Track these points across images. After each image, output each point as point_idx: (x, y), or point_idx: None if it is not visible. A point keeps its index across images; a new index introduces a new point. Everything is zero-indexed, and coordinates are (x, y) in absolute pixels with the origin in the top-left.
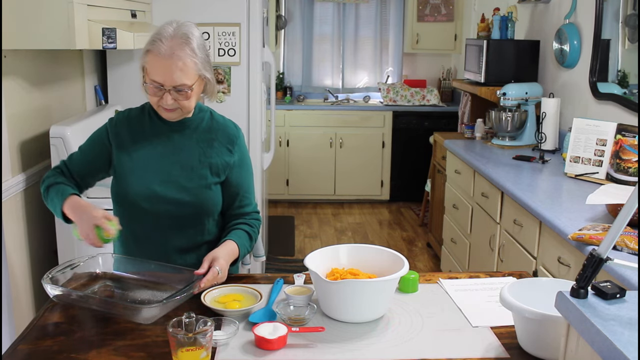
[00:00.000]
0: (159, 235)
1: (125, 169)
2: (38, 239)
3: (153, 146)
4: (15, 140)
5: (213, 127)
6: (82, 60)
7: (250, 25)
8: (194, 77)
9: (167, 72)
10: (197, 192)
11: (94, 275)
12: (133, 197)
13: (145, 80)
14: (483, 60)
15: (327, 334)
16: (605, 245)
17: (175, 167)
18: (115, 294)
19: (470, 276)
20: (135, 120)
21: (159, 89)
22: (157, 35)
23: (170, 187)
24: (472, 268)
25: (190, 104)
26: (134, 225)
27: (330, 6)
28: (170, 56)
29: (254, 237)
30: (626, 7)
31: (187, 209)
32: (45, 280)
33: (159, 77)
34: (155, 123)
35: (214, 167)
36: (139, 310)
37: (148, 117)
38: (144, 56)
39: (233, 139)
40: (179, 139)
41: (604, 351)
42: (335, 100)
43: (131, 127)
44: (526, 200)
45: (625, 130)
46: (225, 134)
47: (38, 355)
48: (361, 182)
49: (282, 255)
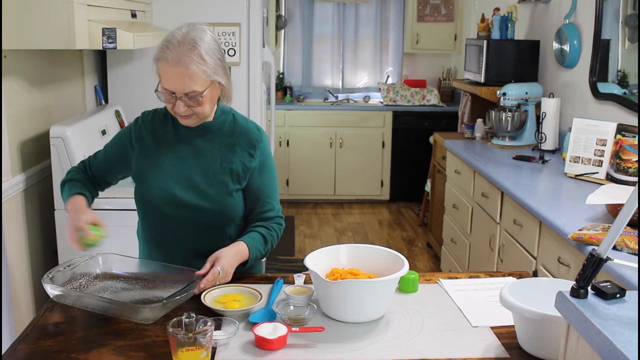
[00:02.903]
0: (180, 240)
1: (147, 174)
2: (38, 239)
3: (175, 151)
4: (15, 140)
5: (235, 130)
6: (82, 60)
7: (250, 25)
8: (205, 83)
9: (176, 79)
10: (218, 198)
11: (93, 275)
12: (154, 202)
13: (158, 87)
14: (483, 60)
15: (327, 334)
16: (605, 245)
17: (197, 172)
18: (115, 294)
19: (470, 276)
20: (159, 124)
21: (172, 96)
22: (166, 42)
23: (191, 193)
24: (472, 268)
25: (205, 110)
26: (156, 230)
27: (330, 6)
28: (178, 63)
29: (269, 240)
30: (626, 7)
31: (208, 215)
32: (45, 280)
33: (169, 84)
34: (177, 127)
35: (235, 173)
36: (139, 310)
37: (171, 121)
38: (156, 63)
39: (255, 143)
40: (201, 143)
41: (604, 351)
42: (335, 100)
43: (154, 130)
44: (526, 200)
45: (625, 130)
46: (247, 138)
47: (38, 355)
48: (361, 182)
49: (282, 255)
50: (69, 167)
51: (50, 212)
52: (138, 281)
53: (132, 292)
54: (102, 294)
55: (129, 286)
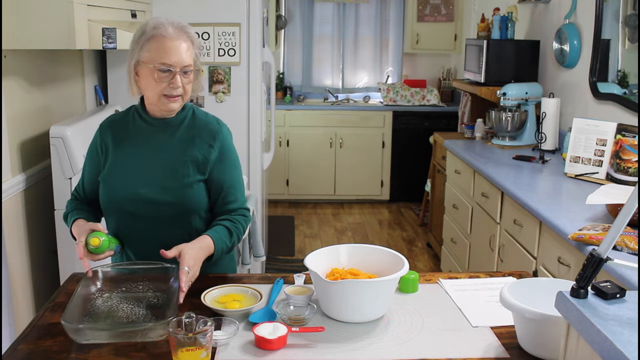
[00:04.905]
0: (149, 237)
1: (110, 175)
2: (38, 239)
3: (135, 148)
4: (15, 140)
5: (195, 124)
6: (82, 60)
7: (250, 25)
8: (193, 62)
9: (177, 52)
10: (179, 191)
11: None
12: (118, 202)
13: (139, 73)
14: (483, 60)
15: (327, 334)
16: (605, 245)
17: (157, 167)
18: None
19: (470, 276)
20: (119, 126)
21: (168, 73)
22: (154, 24)
23: (152, 189)
24: (472, 268)
25: (189, 89)
26: (125, 230)
27: (330, 6)
28: (178, 37)
29: (235, 232)
30: (626, 7)
31: (171, 209)
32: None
33: (169, 58)
34: (137, 124)
35: (195, 164)
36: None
37: (132, 119)
38: (145, 45)
39: (214, 134)
40: (161, 138)
41: (604, 351)
42: (335, 100)
43: (115, 134)
44: (526, 200)
45: (625, 130)
46: (206, 130)
47: (38, 355)
48: (361, 182)
49: (282, 255)
50: (69, 166)
51: (50, 212)
52: (126, 293)
53: (127, 308)
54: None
55: (120, 304)
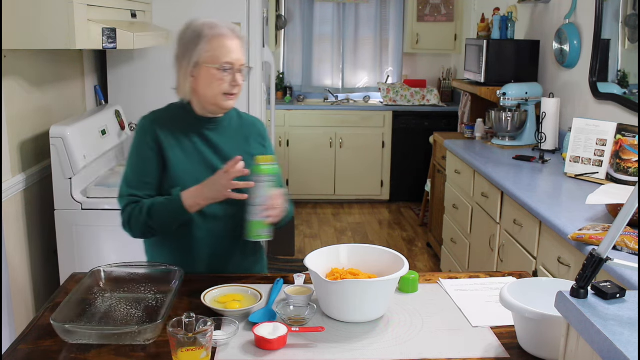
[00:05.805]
0: (216, 233)
1: (175, 170)
2: (38, 239)
3: (194, 143)
4: (15, 140)
5: (243, 123)
6: (82, 60)
7: (250, 25)
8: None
9: (237, 50)
10: None
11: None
12: None
13: (195, 74)
14: (483, 60)
15: (327, 334)
16: (605, 245)
17: (221, 162)
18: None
19: (470, 276)
20: (167, 121)
21: (229, 71)
22: (209, 24)
23: None
24: (472, 268)
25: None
26: (191, 224)
27: (330, 6)
28: (237, 36)
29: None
30: (626, 7)
31: (237, 202)
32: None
33: (232, 56)
34: (189, 121)
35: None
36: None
37: (180, 116)
38: (205, 45)
39: (263, 133)
40: (214, 136)
41: (604, 351)
42: (335, 100)
43: (165, 127)
44: (526, 200)
45: (625, 130)
46: (256, 130)
47: (38, 355)
48: (361, 182)
49: (282, 255)
50: (69, 167)
51: (50, 212)
52: (125, 294)
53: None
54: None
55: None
